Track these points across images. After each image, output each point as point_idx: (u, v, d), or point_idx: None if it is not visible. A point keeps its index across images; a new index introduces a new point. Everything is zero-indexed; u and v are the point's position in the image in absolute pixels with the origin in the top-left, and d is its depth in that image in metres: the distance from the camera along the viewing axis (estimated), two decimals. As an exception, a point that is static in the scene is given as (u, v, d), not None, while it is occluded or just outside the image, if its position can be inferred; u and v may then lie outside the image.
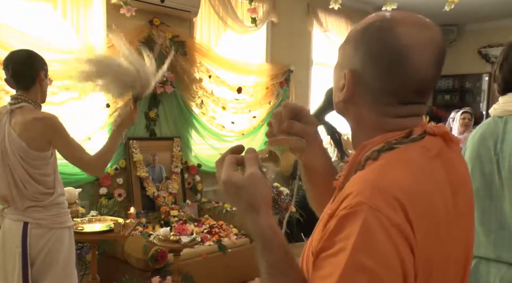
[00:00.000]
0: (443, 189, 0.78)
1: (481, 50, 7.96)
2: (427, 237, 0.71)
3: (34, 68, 2.22)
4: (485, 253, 1.68)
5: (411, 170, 0.75)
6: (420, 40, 0.78)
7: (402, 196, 0.69)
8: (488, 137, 1.69)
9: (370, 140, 0.82)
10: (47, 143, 2.19)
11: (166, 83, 4.48)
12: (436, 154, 0.80)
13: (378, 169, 0.76)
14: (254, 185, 0.77)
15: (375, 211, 0.67)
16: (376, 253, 0.66)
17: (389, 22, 0.81)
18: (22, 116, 2.16)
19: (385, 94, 0.81)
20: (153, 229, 4.00)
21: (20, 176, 2.16)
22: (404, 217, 0.68)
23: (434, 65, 0.80)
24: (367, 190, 0.70)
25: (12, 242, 2.19)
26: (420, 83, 0.80)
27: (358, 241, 0.66)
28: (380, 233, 0.66)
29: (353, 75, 0.83)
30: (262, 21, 5.36)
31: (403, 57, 0.77)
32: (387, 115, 0.82)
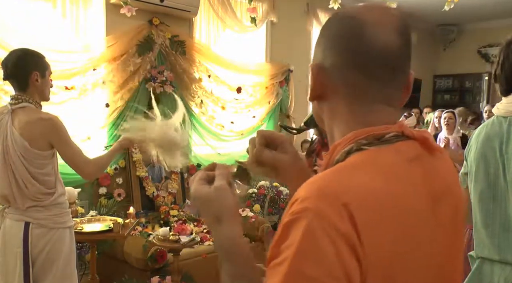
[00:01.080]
0: (417, 196, 0.73)
1: (480, 49, 7.97)
2: (385, 247, 0.66)
3: (25, 69, 2.19)
4: (489, 254, 1.67)
5: (373, 173, 0.70)
6: (376, 16, 0.77)
7: (352, 203, 0.65)
8: (493, 138, 1.66)
9: (341, 139, 0.78)
10: (48, 143, 2.19)
11: (166, 82, 4.47)
12: (412, 158, 0.75)
13: (332, 172, 0.71)
14: (218, 198, 0.78)
15: (319, 217, 0.64)
16: (319, 262, 0.62)
17: (344, 11, 0.81)
18: (26, 116, 2.17)
19: (350, 69, 0.76)
20: (153, 229, 4.00)
21: (21, 175, 2.16)
22: (351, 225, 0.63)
23: (396, 38, 0.76)
24: (313, 195, 0.66)
25: (13, 242, 2.19)
26: (383, 54, 0.75)
27: (299, 249, 0.63)
28: (323, 241, 0.62)
29: (317, 68, 0.80)
30: (262, 20, 5.36)
31: (360, 30, 0.75)
32: (355, 105, 0.78)
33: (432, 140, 0.78)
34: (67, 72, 3.80)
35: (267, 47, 5.68)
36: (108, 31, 4.16)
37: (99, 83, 4.03)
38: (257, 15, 5.03)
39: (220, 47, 5.09)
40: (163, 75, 4.45)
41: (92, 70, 3.98)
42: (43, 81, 2.24)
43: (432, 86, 8.65)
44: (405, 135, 0.77)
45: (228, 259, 0.77)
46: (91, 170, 2.32)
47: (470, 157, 1.76)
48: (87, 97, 3.98)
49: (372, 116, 0.78)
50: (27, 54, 2.24)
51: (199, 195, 0.80)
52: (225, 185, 0.80)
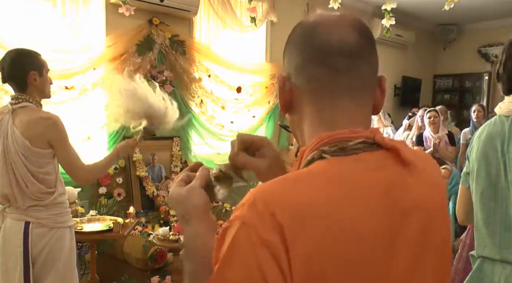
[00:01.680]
0: (373, 211, 0.68)
1: (481, 49, 7.97)
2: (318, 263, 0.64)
3: (22, 69, 2.19)
4: (489, 253, 1.67)
5: (320, 185, 0.68)
6: (330, 18, 0.80)
7: (280, 212, 0.64)
8: (495, 137, 1.66)
9: (306, 145, 0.77)
10: (47, 142, 2.19)
11: (166, 82, 4.48)
12: (376, 169, 0.72)
13: (279, 180, 0.70)
14: (188, 198, 0.80)
15: (247, 226, 0.64)
16: (241, 271, 0.63)
17: (299, 22, 0.83)
18: (27, 115, 2.16)
19: (311, 64, 0.77)
20: (153, 228, 4.00)
21: (22, 174, 2.16)
22: (279, 235, 0.63)
23: (352, 32, 0.77)
24: (246, 204, 0.67)
25: (14, 241, 2.19)
26: (340, 44, 0.75)
27: (225, 256, 0.65)
28: (247, 251, 0.63)
29: (282, 77, 0.81)
30: (262, 20, 5.36)
31: (316, 29, 0.78)
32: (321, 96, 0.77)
33: (405, 151, 0.74)
34: (67, 72, 3.80)
35: (267, 47, 5.68)
36: (108, 30, 4.16)
37: (99, 83, 4.03)
38: (257, 15, 5.02)
39: (220, 47, 5.09)
40: (163, 75, 4.45)
41: (92, 69, 3.99)
42: (41, 79, 2.23)
43: (432, 86, 8.64)
44: (376, 143, 0.74)
45: (188, 258, 0.79)
46: (84, 176, 2.32)
47: (472, 157, 1.75)
48: (87, 97, 3.99)
49: (336, 113, 0.76)
50: (22, 55, 2.23)
51: (172, 196, 0.83)
52: (197, 186, 0.82)
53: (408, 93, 7.85)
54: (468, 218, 1.86)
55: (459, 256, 2.17)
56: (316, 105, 0.78)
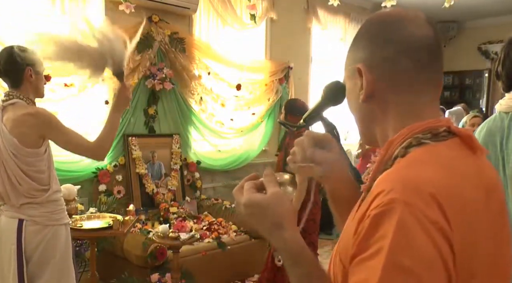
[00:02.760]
0: (475, 189, 0.74)
1: (481, 46, 7.95)
2: (466, 236, 0.67)
3: (18, 65, 2.18)
4: None
5: (442, 167, 0.72)
6: (408, 13, 0.83)
7: (437, 193, 0.66)
8: (495, 133, 1.69)
9: (395, 136, 0.79)
10: (40, 138, 2.17)
11: (165, 79, 4.47)
12: (463, 155, 0.77)
13: (408, 165, 0.73)
14: (277, 203, 0.79)
15: (411, 207, 0.64)
16: (416, 253, 0.62)
17: (377, 14, 0.87)
18: (14, 112, 2.15)
19: (399, 56, 0.79)
20: (152, 226, 4.00)
21: (13, 173, 2.15)
22: (442, 214, 0.64)
23: (431, 29, 0.81)
24: (399, 186, 0.67)
25: (8, 239, 2.18)
26: (425, 40, 0.80)
27: (395, 240, 0.62)
28: (419, 231, 0.62)
29: (365, 66, 0.82)
30: (261, 18, 5.35)
31: (402, 23, 0.81)
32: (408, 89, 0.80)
33: (475, 139, 0.80)
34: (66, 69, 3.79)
35: (266, 44, 5.67)
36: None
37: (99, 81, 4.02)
38: (256, 12, 5.02)
39: (220, 44, 5.08)
40: (162, 72, 4.45)
41: (91, 67, 3.97)
42: (37, 77, 2.23)
43: (432, 83, 8.64)
44: (451, 131, 0.78)
45: (297, 262, 0.77)
46: (97, 152, 2.28)
47: None
48: (86, 94, 3.98)
49: (423, 105, 0.80)
50: (19, 50, 2.21)
51: (254, 203, 0.80)
52: (280, 190, 0.81)
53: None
54: None
55: None
56: (404, 97, 0.81)
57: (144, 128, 4.52)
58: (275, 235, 0.79)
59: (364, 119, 0.88)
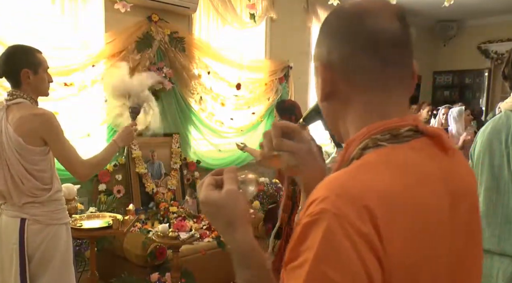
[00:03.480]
0: (436, 195, 0.71)
1: (480, 46, 7.95)
2: (407, 248, 0.65)
3: (15, 66, 2.18)
4: (488, 246, 1.69)
5: (394, 172, 0.69)
6: (373, 5, 0.77)
7: (373, 203, 0.63)
8: (501, 130, 1.71)
9: (355, 135, 0.76)
10: (41, 139, 2.18)
11: (165, 79, 4.47)
12: (429, 156, 0.74)
13: (350, 171, 0.70)
14: (231, 202, 0.77)
15: (340, 218, 0.62)
16: (340, 264, 0.61)
17: (341, 6, 0.81)
18: (20, 111, 2.16)
19: (361, 54, 0.75)
20: (152, 225, 4.00)
21: (17, 171, 2.15)
22: (373, 226, 0.62)
23: (397, 22, 0.76)
24: (332, 195, 0.64)
25: (10, 238, 2.19)
26: (388, 34, 0.75)
27: (320, 251, 0.62)
28: (344, 243, 0.61)
29: (324, 65, 0.79)
30: (261, 17, 5.35)
31: (362, 18, 0.76)
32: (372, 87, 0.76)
33: (446, 138, 0.77)
34: (66, 68, 3.79)
35: (266, 43, 5.67)
36: (107, 27, 4.15)
37: (98, 80, 4.02)
38: (256, 12, 5.02)
39: (220, 43, 5.08)
40: (162, 72, 4.44)
41: (91, 66, 3.98)
42: (36, 77, 2.21)
43: (431, 82, 8.63)
44: (419, 130, 0.75)
45: (245, 264, 0.76)
46: (83, 172, 2.27)
47: (476, 151, 1.79)
48: (86, 94, 3.97)
49: (388, 104, 0.77)
50: (16, 52, 2.21)
51: (209, 200, 0.79)
52: (236, 189, 0.79)
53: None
54: None
55: None
56: (366, 96, 0.77)
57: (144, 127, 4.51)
58: (227, 234, 0.78)
59: (328, 117, 0.86)
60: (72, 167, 2.25)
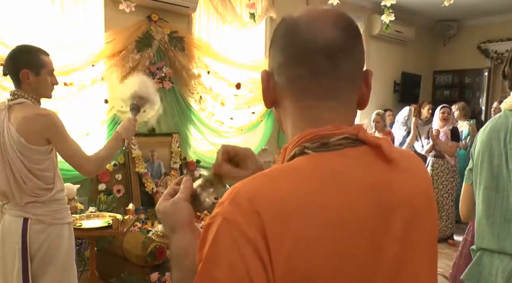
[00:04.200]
0: (357, 205, 0.69)
1: (480, 45, 7.95)
2: (298, 260, 0.64)
3: (15, 66, 2.18)
4: (488, 245, 1.70)
5: (296, 179, 0.68)
6: (311, 14, 0.77)
7: (263, 210, 0.64)
8: (500, 129, 1.72)
9: (289, 142, 0.78)
10: (45, 139, 2.18)
11: (165, 79, 4.47)
12: (360, 165, 0.72)
13: (258, 177, 0.70)
14: (173, 211, 0.85)
15: (229, 223, 0.65)
16: (225, 266, 0.64)
17: (287, 15, 0.81)
18: (23, 112, 2.16)
19: (292, 64, 0.76)
20: (152, 225, 4.00)
21: (19, 171, 2.16)
22: (259, 233, 0.63)
23: (332, 30, 0.74)
24: (227, 200, 0.67)
25: (12, 238, 2.19)
26: (319, 43, 0.73)
27: (209, 254, 0.66)
28: (229, 246, 0.64)
29: (266, 73, 0.82)
30: (261, 16, 5.34)
31: (296, 26, 0.76)
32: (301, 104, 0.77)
33: (388, 148, 0.74)
34: (66, 68, 3.80)
35: (266, 43, 5.66)
36: (107, 27, 4.15)
37: (98, 79, 4.02)
38: (256, 11, 5.01)
39: (220, 43, 5.08)
40: (162, 71, 4.44)
41: (90, 66, 3.98)
42: (37, 79, 2.20)
43: (431, 82, 8.62)
44: (359, 139, 0.74)
45: (176, 266, 0.82)
46: (91, 167, 2.29)
47: (476, 151, 1.80)
48: (86, 93, 3.98)
49: (319, 111, 0.76)
50: (19, 52, 2.21)
51: (159, 209, 0.87)
52: (180, 199, 0.85)
53: (407, 89, 7.83)
54: (470, 215, 1.90)
55: (460, 253, 2.19)
56: (299, 103, 0.78)
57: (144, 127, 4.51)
58: (169, 238, 0.85)
59: (278, 121, 0.88)
60: (79, 165, 2.26)
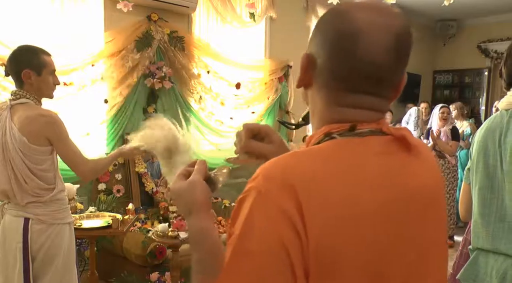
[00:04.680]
0: (379, 190, 0.72)
1: (480, 44, 7.95)
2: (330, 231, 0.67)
3: (17, 66, 2.18)
4: (483, 244, 1.71)
5: (329, 160, 0.72)
6: (374, 23, 0.75)
7: (297, 183, 0.67)
8: (495, 129, 1.71)
9: (315, 132, 0.81)
10: (46, 139, 2.18)
11: (165, 78, 4.46)
12: (381, 152, 0.75)
13: (290, 155, 0.74)
14: (190, 191, 0.82)
15: (263, 196, 0.67)
16: (260, 237, 0.66)
17: (346, 7, 0.79)
18: (25, 112, 2.16)
19: (335, 78, 0.78)
20: (152, 225, 4.00)
21: (21, 171, 2.16)
22: (295, 204, 0.66)
23: (389, 51, 0.75)
24: (261, 174, 0.70)
25: (13, 237, 2.19)
26: (371, 68, 0.75)
27: (244, 226, 0.67)
28: (264, 218, 0.66)
29: (308, 58, 0.82)
30: (261, 16, 5.34)
31: (354, 40, 0.74)
32: (335, 102, 0.79)
33: (411, 137, 0.78)
34: (65, 68, 3.79)
35: (266, 42, 5.66)
36: (107, 26, 4.15)
37: (98, 79, 4.02)
38: (256, 11, 5.01)
39: (219, 43, 5.07)
40: (161, 71, 4.44)
41: (90, 66, 3.97)
42: (38, 79, 2.19)
43: (431, 81, 8.63)
44: (383, 131, 0.78)
45: (196, 249, 0.80)
46: (87, 171, 2.30)
47: (474, 150, 1.80)
48: (85, 93, 3.98)
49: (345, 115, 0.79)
50: (21, 51, 2.21)
51: (174, 189, 0.85)
52: (197, 178, 0.83)
53: (407, 89, 7.71)
54: (469, 215, 1.90)
55: (460, 252, 2.20)
56: (328, 107, 0.80)
57: (144, 127, 4.50)
58: (186, 219, 0.83)
59: (305, 100, 0.89)
60: (77, 168, 2.27)
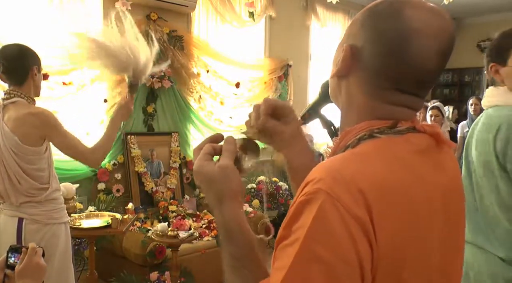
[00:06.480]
0: (427, 187, 0.73)
1: (480, 43, 7.94)
2: (397, 234, 0.66)
3: (26, 63, 2.19)
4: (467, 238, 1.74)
5: (387, 161, 0.70)
6: (429, 26, 0.73)
7: (367, 188, 0.64)
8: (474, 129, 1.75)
9: (354, 126, 0.78)
10: (41, 138, 2.17)
11: (164, 78, 4.46)
12: (422, 150, 0.75)
13: (347, 157, 0.72)
14: (223, 178, 0.77)
15: (334, 199, 0.63)
16: (331, 243, 0.61)
17: (401, 3, 0.75)
18: (16, 111, 2.15)
19: (382, 77, 0.76)
20: (152, 224, 4.00)
21: (14, 171, 2.15)
22: (366, 211, 0.63)
23: (439, 56, 0.74)
24: (328, 177, 0.66)
25: (8, 238, 2.18)
26: (422, 73, 0.75)
27: (312, 230, 0.62)
28: (337, 223, 0.62)
29: (352, 50, 0.78)
30: (260, 15, 5.34)
31: (408, 42, 0.72)
32: (380, 99, 0.77)
33: (442, 134, 0.79)
34: (65, 67, 3.78)
35: (266, 42, 5.66)
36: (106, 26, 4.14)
37: (97, 79, 4.01)
38: (255, 10, 5.01)
39: (219, 42, 5.07)
40: (161, 71, 4.43)
41: (90, 65, 3.96)
42: (39, 76, 2.26)
43: (431, 80, 8.65)
44: (416, 129, 0.77)
45: (229, 239, 0.76)
46: (95, 156, 2.29)
47: None
48: (85, 93, 3.97)
49: (389, 113, 0.78)
50: (27, 49, 2.23)
51: (203, 172, 0.79)
52: (231, 165, 0.78)
53: (407, 88, 7.84)
54: None
55: None
56: (370, 102, 0.78)
57: (143, 126, 4.51)
58: (216, 209, 0.78)
59: (333, 91, 0.87)
60: (83, 156, 2.27)
